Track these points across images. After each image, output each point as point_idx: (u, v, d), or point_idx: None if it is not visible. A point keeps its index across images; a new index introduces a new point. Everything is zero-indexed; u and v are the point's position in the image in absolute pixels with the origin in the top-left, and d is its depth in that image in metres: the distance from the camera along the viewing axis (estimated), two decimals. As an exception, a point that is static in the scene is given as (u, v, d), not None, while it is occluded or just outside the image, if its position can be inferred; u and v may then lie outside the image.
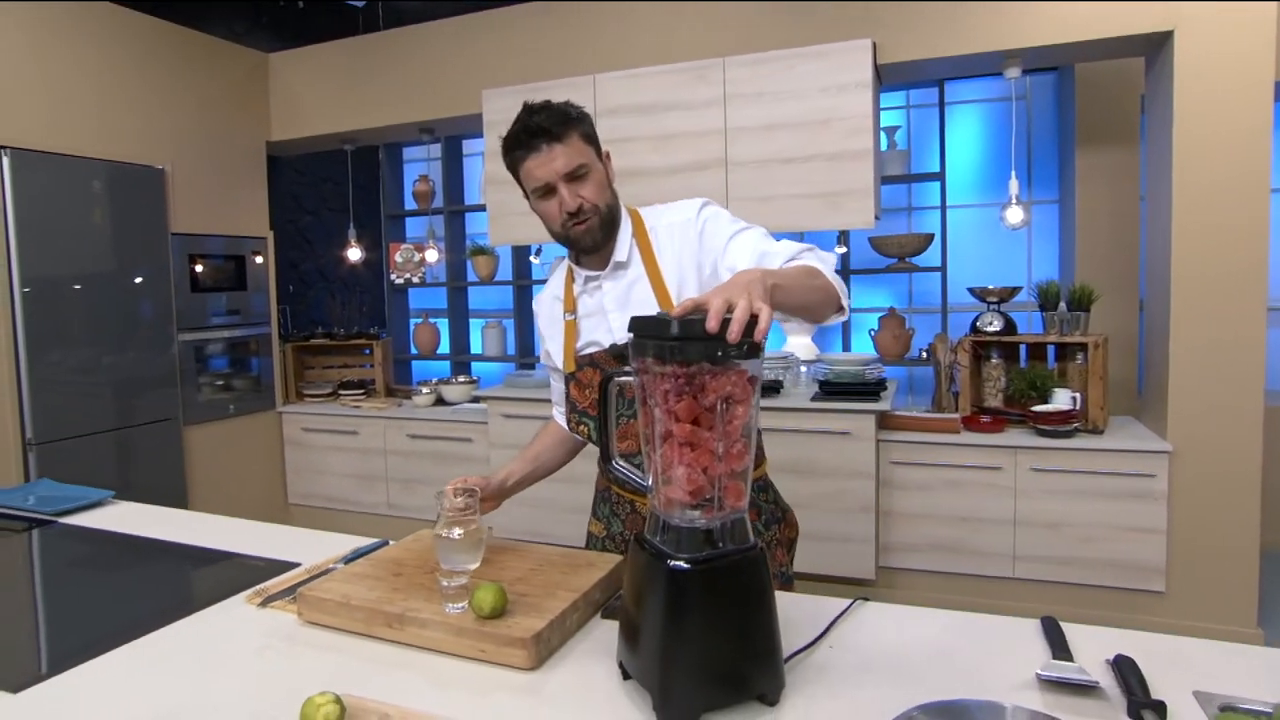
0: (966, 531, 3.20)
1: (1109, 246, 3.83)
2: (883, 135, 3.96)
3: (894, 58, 3.22)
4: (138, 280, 3.74)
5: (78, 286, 3.49)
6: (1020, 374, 3.35)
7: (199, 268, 4.04)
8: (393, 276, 4.90)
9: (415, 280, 4.85)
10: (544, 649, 1.10)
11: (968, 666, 1.04)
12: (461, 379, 4.46)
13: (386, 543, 1.58)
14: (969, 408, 3.36)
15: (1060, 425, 3.08)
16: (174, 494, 3.85)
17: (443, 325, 5.06)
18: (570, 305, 1.52)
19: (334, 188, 5.45)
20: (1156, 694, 0.94)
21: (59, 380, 3.40)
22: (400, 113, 4.18)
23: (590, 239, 1.40)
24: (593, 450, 1.51)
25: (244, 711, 0.98)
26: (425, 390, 4.31)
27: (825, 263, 1.30)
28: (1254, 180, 2.83)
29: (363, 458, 4.27)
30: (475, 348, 5.12)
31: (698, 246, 1.42)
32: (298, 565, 1.50)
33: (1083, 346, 3.19)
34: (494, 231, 3.91)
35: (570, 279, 1.53)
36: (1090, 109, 3.81)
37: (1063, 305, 3.27)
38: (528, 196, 1.42)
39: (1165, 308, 3.02)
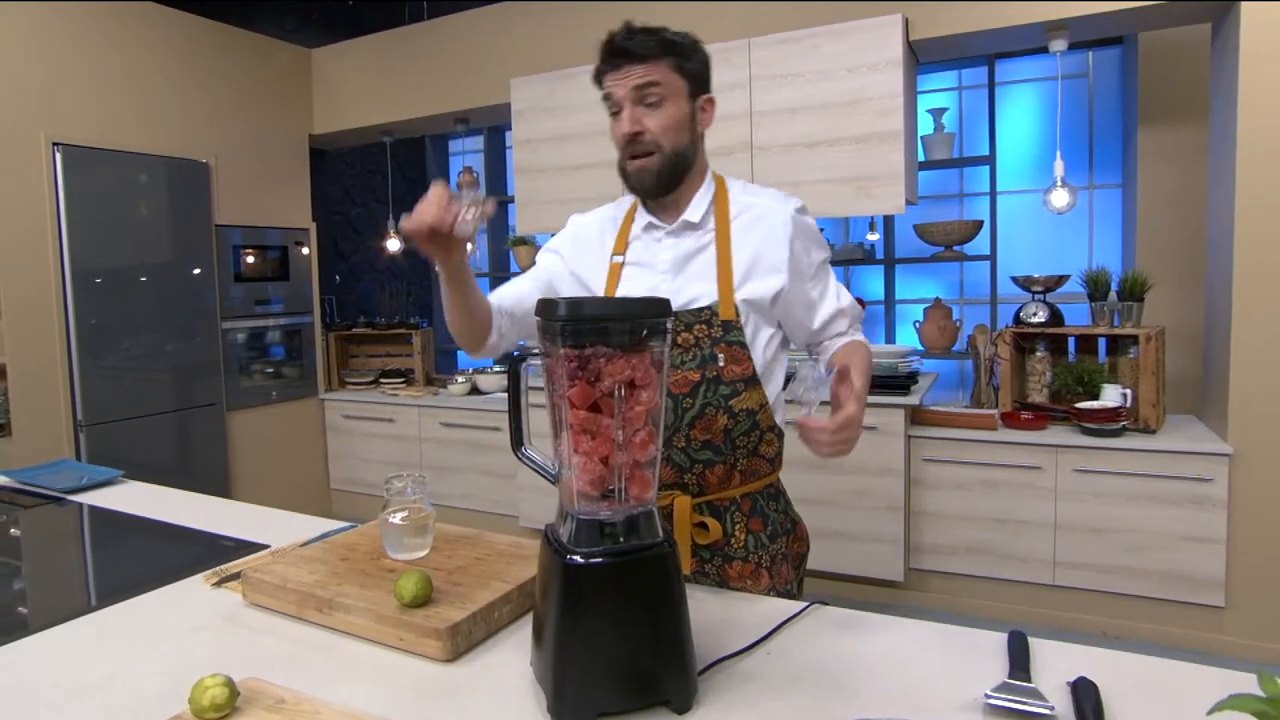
0: (1004, 534, 3.03)
1: (1173, 232, 3.57)
2: (928, 117, 3.78)
3: (928, 33, 3.06)
4: (183, 271, 3.88)
5: (126, 277, 3.64)
6: (1067, 368, 3.15)
7: (244, 258, 4.16)
8: (437, 267, 4.95)
9: (456, 271, 4.87)
10: (462, 641, 1.06)
11: (913, 683, 0.96)
12: (496, 368, 4.48)
13: (354, 526, 1.57)
14: (1010, 403, 3.18)
15: (1107, 423, 2.88)
16: (217, 477, 3.99)
17: (484, 315, 5.09)
18: (621, 247, 1.37)
19: (383, 180, 5.56)
20: None
21: (107, 366, 3.55)
22: (434, 103, 4.22)
23: (645, 180, 1.27)
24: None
25: (153, 689, 0.98)
26: (460, 379, 4.35)
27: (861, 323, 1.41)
28: (1327, 158, 2.58)
29: (399, 444, 4.33)
30: (515, 338, 5.14)
31: (784, 251, 1.30)
32: (266, 547, 1.51)
33: (1134, 339, 2.98)
34: (522, 219, 3.91)
35: (631, 218, 1.40)
36: (1154, 84, 3.54)
37: (1113, 295, 3.06)
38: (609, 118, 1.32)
39: (1227, 298, 2.78)
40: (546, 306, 0.92)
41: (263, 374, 4.32)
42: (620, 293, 1.34)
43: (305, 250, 4.50)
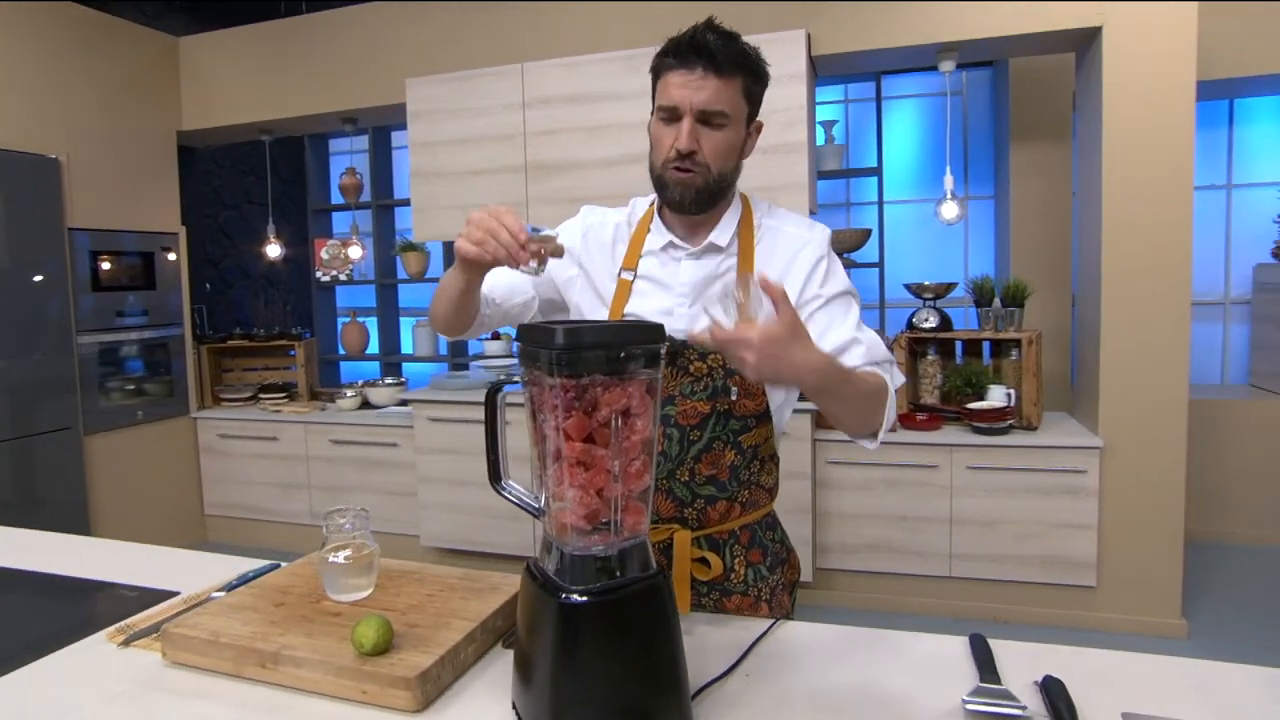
0: (904, 531, 3.18)
1: (1042, 242, 3.87)
2: (820, 129, 3.92)
3: (829, 49, 3.17)
4: (25, 278, 3.47)
5: (-40, 285, 3.22)
6: (956, 370, 3.34)
7: (103, 265, 3.78)
8: (319, 274, 4.69)
9: (342, 278, 4.64)
10: (432, 688, 0.98)
11: (892, 694, 0.97)
12: (389, 381, 4.28)
13: (278, 565, 1.43)
14: (905, 405, 3.34)
15: (995, 422, 3.08)
16: (73, 510, 3.60)
17: (371, 324, 4.86)
18: (632, 261, 1.28)
19: (256, 181, 5.20)
20: (1086, 718, 0.89)
21: (-61, 387, 3.12)
22: (320, 102, 3.98)
23: (683, 196, 1.18)
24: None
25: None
26: (350, 393, 4.13)
27: (895, 381, 1.19)
28: (1178, 178, 2.86)
29: (284, 464, 4.06)
30: (406, 347, 4.93)
31: (799, 282, 1.22)
32: (175, 594, 1.35)
33: (1017, 342, 3.19)
34: (420, 226, 3.75)
35: (645, 229, 1.29)
36: (1024, 105, 3.83)
37: (997, 301, 3.27)
38: (652, 115, 1.21)
39: (1096, 304, 3.03)
40: (540, 334, 0.86)
41: (126, 392, 3.93)
42: (630, 311, 1.25)
43: (173, 256, 4.13)
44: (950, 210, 3.25)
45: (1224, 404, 3.79)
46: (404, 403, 4.01)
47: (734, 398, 1.20)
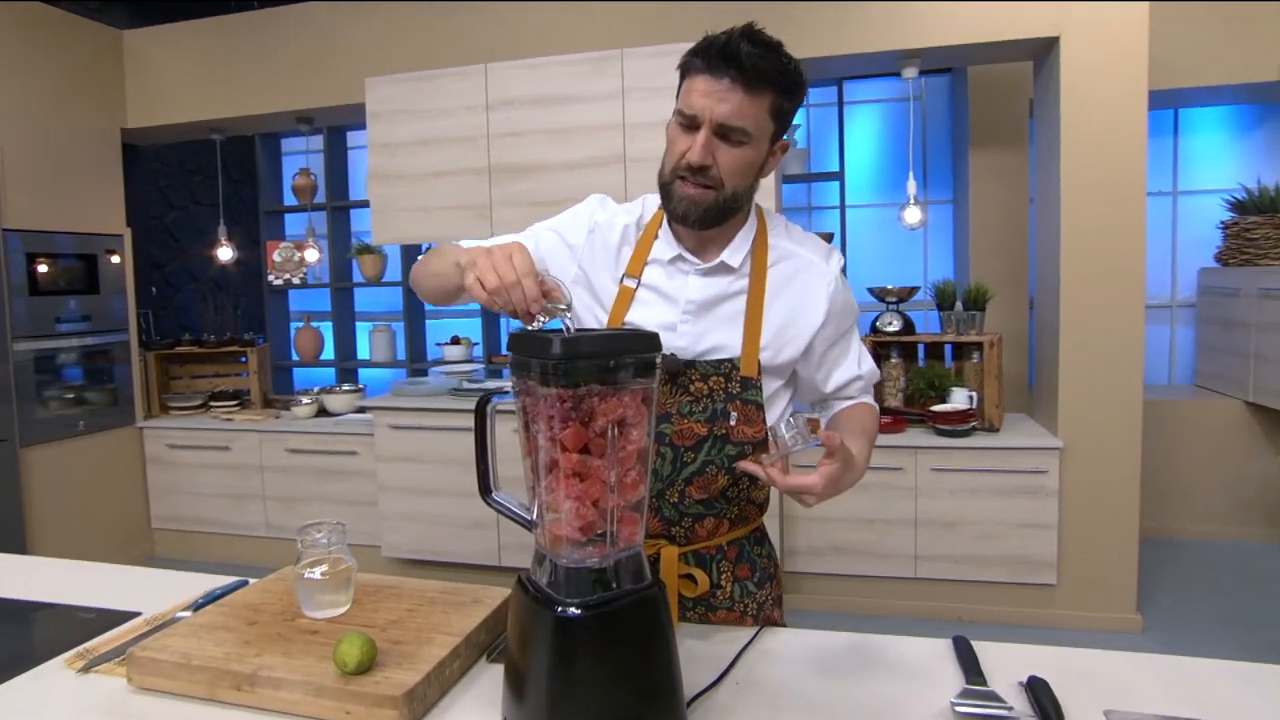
0: (870, 534, 3.20)
1: (1000, 247, 3.95)
2: (783, 135, 3.95)
3: (797, 55, 3.17)
4: (-37, 282, 3.29)
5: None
6: (919, 373, 3.38)
7: (41, 268, 3.60)
8: (271, 277, 4.55)
9: (296, 281, 4.52)
10: (419, 706, 0.96)
11: (882, 698, 0.98)
12: (346, 387, 4.17)
13: (245, 583, 1.37)
14: (871, 408, 3.37)
15: (959, 425, 3.12)
16: (8, 524, 3.41)
17: (326, 329, 4.73)
18: (637, 269, 1.21)
19: (204, 181, 5.03)
20: (1070, 717, 0.91)
21: None
22: (275, 100, 3.86)
23: (690, 212, 1.11)
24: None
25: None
26: (306, 400, 4.01)
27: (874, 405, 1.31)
28: (1132, 183, 2.94)
29: (237, 474, 3.92)
30: (362, 353, 4.81)
31: (818, 319, 1.20)
32: (137, 615, 1.28)
33: (979, 345, 3.25)
34: (379, 229, 3.66)
35: (653, 236, 1.22)
36: (983, 112, 3.91)
37: (959, 305, 3.32)
38: (675, 114, 1.13)
39: (1055, 307, 3.10)
40: (534, 343, 0.84)
41: (66, 401, 3.75)
42: (630, 320, 1.20)
43: (117, 259, 3.97)
44: (913, 215, 3.30)
45: (1171, 404, 3.91)
46: (363, 410, 3.90)
47: (733, 423, 1.16)
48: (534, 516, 0.92)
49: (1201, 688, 0.98)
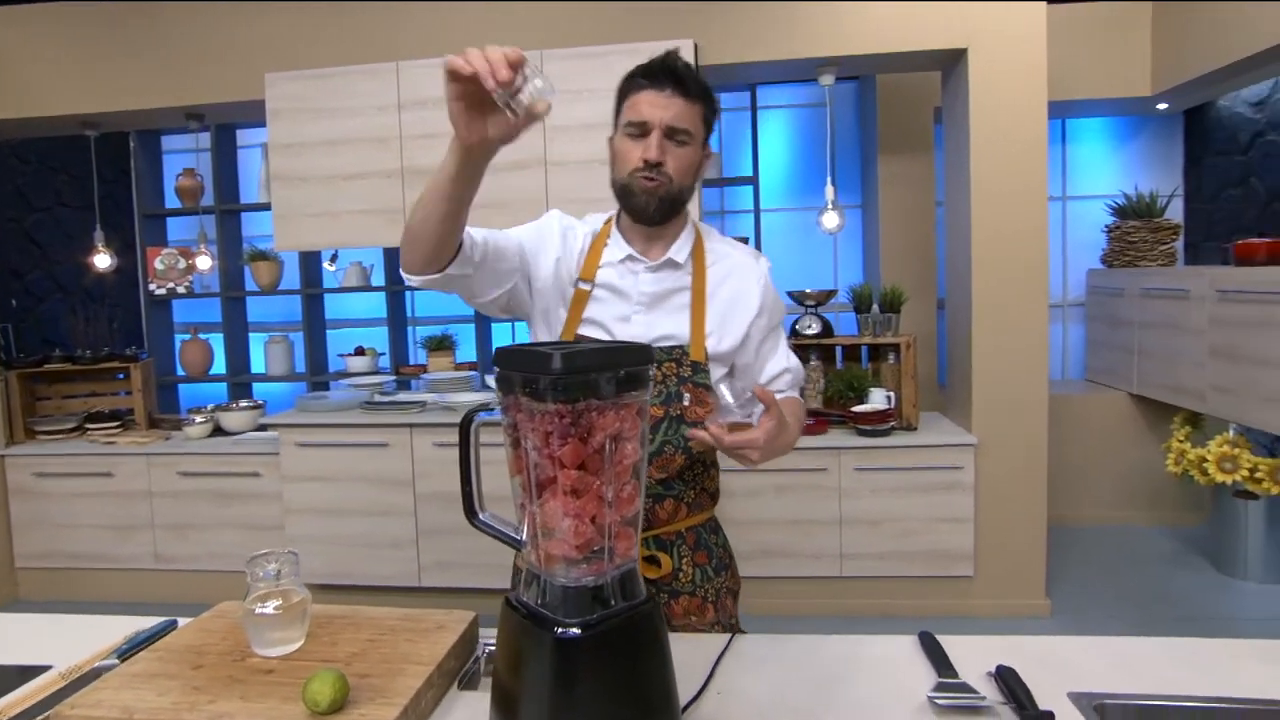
0: (796, 535, 3.23)
1: (908, 250, 4.08)
2: (698, 139, 3.95)
3: (715, 59, 3.18)
4: None
5: None
6: (838, 375, 3.44)
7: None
8: (152, 286, 4.20)
9: (181, 290, 4.19)
10: (399, 747, 0.87)
11: (860, 698, 1.00)
12: (244, 404, 3.88)
13: (175, 623, 1.23)
14: (794, 410, 3.40)
15: (879, 424, 3.19)
16: None
17: (216, 342, 4.40)
18: (590, 273, 1.33)
19: (70, 180, 4.59)
20: (1038, 702, 0.95)
21: None
22: (162, 95, 3.54)
23: (649, 203, 1.27)
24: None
25: None
26: (199, 419, 3.71)
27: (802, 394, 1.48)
28: (1034, 188, 3.09)
29: (120, 503, 3.58)
30: (257, 366, 4.50)
31: (753, 310, 1.35)
32: (46, 669, 1.12)
33: (895, 347, 3.33)
34: (280, 235, 3.42)
35: (602, 242, 1.36)
36: (890, 118, 4.03)
37: (875, 307, 3.40)
38: (615, 132, 1.30)
39: (967, 307, 3.22)
40: (530, 358, 0.81)
41: (-88, 428, 3.33)
42: (589, 315, 1.32)
43: (-30, 268, 3.55)
44: (831, 220, 3.35)
45: (1065, 398, 4.15)
46: (265, 427, 3.64)
47: (686, 403, 1.27)
48: (523, 536, 0.89)
49: (1143, 664, 1.06)
